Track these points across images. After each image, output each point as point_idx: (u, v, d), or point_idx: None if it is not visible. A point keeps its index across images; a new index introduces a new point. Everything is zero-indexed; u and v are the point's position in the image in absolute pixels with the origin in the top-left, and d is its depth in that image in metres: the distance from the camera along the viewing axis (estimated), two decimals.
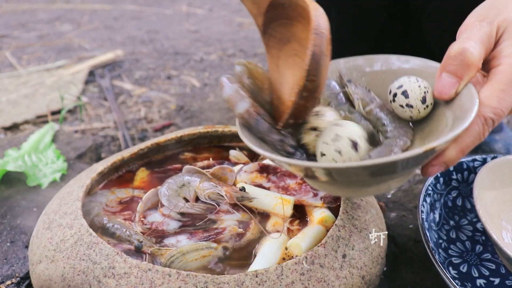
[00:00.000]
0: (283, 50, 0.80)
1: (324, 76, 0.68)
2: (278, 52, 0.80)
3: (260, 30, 0.81)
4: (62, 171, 1.21)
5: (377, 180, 0.66)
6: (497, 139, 1.67)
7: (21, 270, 0.93)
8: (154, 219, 0.82)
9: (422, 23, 1.67)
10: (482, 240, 0.96)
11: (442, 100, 0.70)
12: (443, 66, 0.69)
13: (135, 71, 2.35)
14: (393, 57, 0.87)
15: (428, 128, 0.72)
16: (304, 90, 0.68)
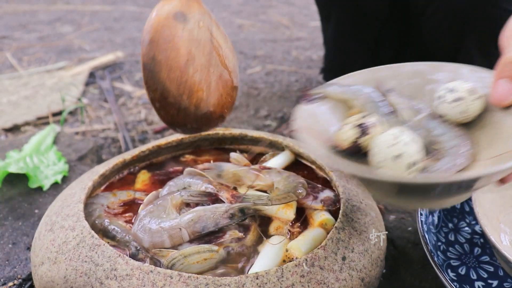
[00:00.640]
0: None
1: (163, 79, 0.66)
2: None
3: None
4: (64, 173, 1.22)
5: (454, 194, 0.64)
6: None
7: (23, 272, 0.94)
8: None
9: (422, 24, 1.68)
10: (481, 243, 0.96)
11: (501, 106, 0.67)
12: (499, 73, 0.67)
13: (136, 73, 2.36)
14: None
15: (486, 136, 0.68)
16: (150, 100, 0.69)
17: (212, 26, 0.71)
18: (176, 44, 0.66)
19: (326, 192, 0.87)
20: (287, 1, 4.01)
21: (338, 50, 1.85)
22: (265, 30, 3.16)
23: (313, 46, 2.83)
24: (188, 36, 0.68)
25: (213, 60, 0.70)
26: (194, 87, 0.68)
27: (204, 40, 0.69)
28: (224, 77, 0.72)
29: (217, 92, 0.71)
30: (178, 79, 0.67)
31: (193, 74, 0.67)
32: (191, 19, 0.68)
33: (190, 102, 0.69)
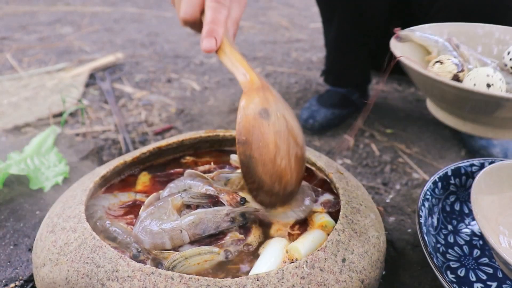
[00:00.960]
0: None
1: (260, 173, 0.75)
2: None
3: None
4: (64, 174, 1.22)
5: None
6: (495, 143, 1.68)
7: (24, 273, 0.94)
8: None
9: (427, 21, 1.68)
10: (480, 245, 0.96)
11: None
12: None
13: (136, 74, 2.36)
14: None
15: None
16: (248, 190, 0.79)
17: (284, 110, 0.77)
18: (266, 141, 0.73)
19: (326, 195, 0.88)
20: (287, 3, 4.01)
21: (340, 53, 1.85)
22: (265, 32, 3.17)
23: (313, 48, 2.84)
24: (273, 129, 0.74)
25: (291, 143, 0.76)
26: (282, 173, 0.75)
27: (283, 128, 0.75)
28: (299, 155, 0.78)
29: (296, 170, 0.77)
30: (270, 170, 0.74)
31: (280, 163, 0.74)
32: (272, 113, 0.75)
33: (280, 187, 0.76)
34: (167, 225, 0.77)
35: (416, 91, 2.22)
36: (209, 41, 0.79)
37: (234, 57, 0.80)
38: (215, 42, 0.79)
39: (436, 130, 1.84)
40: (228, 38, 0.82)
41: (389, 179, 1.50)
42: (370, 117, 1.92)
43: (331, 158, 1.61)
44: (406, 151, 1.68)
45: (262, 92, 0.76)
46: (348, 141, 1.71)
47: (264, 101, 0.75)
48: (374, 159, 1.62)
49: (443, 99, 0.86)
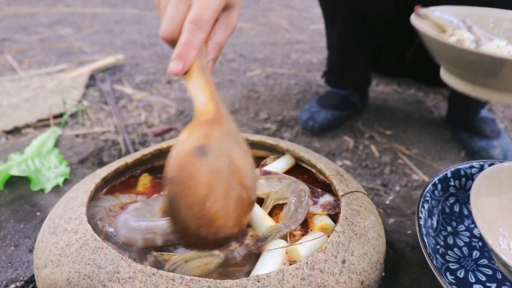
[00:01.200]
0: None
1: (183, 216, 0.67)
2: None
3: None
4: (65, 175, 1.22)
5: None
6: (495, 145, 1.68)
7: (25, 274, 0.94)
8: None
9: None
10: (479, 246, 0.97)
11: None
12: None
13: (136, 76, 2.37)
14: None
15: None
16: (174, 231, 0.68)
17: (232, 148, 0.72)
18: (196, 181, 0.67)
19: (326, 196, 0.88)
20: (287, 5, 4.02)
21: (342, 55, 1.86)
22: (265, 33, 3.17)
23: (313, 49, 2.84)
24: (207, 170, 0.68)
25: (231, 184, 0.70)
26: (213, 217, 0.68)
27: (223, 168, 0.70)
28: (242, 197, 0.72)
29: (235, 214, 0.71)
30: (197, 214, 0.67)
31: (211, 206, 0.68)
32: (210, 150, 0.69)
33: (209, 231, 0.69)
34: (144, 223, 0.77)
35: (416, 92, 2.23)
36: (176, 64, 0.75)
37: (199, 84, 0.75)
38: (181, 66, 0.75)
39: (435, 132, 1.85)
40: (201, 62, 0.79)
41: (388, 181, 1.50)
42: (370, 118, 1.92)
43: (331, 159, 1.61)
44: (406, 152, 1.69)
45: (208, 126, 0.71)
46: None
47: (205, 137, 0.69)
48: (373, 160, 1.63)
49: (458, 65, 0.91)
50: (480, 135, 1.72)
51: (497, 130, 1.74)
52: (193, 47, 0.76)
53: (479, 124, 1.76)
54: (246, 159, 0.74)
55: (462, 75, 0.95)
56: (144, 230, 0.76)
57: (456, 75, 0.96)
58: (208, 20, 0.78)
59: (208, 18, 0.78)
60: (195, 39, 0.77)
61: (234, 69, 2.50)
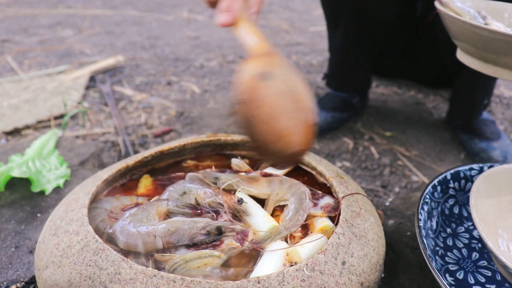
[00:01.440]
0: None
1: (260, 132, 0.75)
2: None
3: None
4: (66, 177, 1.23)
5: None
6: (495, 146, 1.68)
7: (25, 275, 0.95)
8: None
9: (436, 23, 1.69)
10: (479, 248, 0.97)
11: None
12: None
13: (136, 77, 2.37)
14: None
15: None
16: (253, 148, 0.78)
17: (289, 76, 0.77)
18: (265, 101, 0.74)
19: (326, 198, 0.88)
20: (287, 6, 4.02)
21: (343, 58, 1.86)
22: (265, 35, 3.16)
23: (313, 51, 2.84)
24: (273, 91, 0.74)
25: (294, 105, 0.76)
26: (283, 133, 0.75)
27: (286, 92, 0.75)
28: (304, 119, 0.77)
29: (302, 132, 0.77)
30: (269, 130, 0.74)
31: (278, 123, 0.74)
32: (276, 75, 0.75)
33: (281, 146, 0.75)
34: (143, 228, 0.78)
35: (416, 94, 2.23)
36: (225, 16, 0.81)
37: (249, 30, 0.81)
38: (231, 17, 0.81)
39: (435, 133, 1.85)
40: (245, 14, 0.84)
41: (388, 182, 1.51)
42: (370, 120, 1.93)
43: (331, 161, 1.62)
44: (406, 154, 1.69)
45: (267, 57, 0.78)
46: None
47: (267, 64, 0.76)
48: (373, 162, 1.63)
49: (476, 44, 0.95)
50: (480, 136, 1.72)
51: (497, 131, 1.75)
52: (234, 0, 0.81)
53: (479, 126, 1.76)
54: (302, 86, 0.79)
55: (478, 54, 0.99)
56: (144, 234, 0.77)
57: (472, 54, 1.02)
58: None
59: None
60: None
61: (234, 71, 2.50)
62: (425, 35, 1.90)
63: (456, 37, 1.03)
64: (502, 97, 2.28)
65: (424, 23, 1.83)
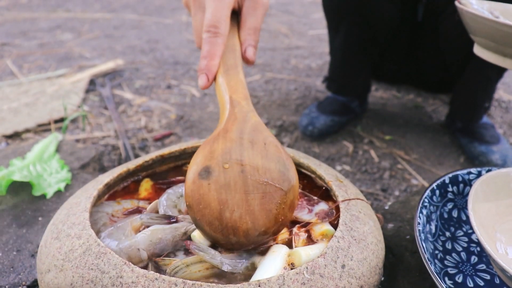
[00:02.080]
0: None
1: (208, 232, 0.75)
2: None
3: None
4: (67, 181, 1.23)
5: None
6: (494, 150, 1.69)
7: (27, 279, 0.95)
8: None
9: (440, 24, 1.69)
10: (477, 251, 0.98)
11: None
12: None
13: (136, 80, 2.37)
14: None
15: None
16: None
17: (243, 152, 0.76)
18: (206, 201, 0.72)
19: (321, 205, 0.89)
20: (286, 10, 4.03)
21: (344, 62, 1.86)
22: (264, 39, 3.18)
23: (312, 55, 2.85)
24: (215, 187, 0.73)
25: (249, 187, 0.74)
26: (237, 224, 0.73)
27: (234, 177, 0.74)
28: (269, 192, 0.75)
29: (264, 212, 0.75)
30: (219, 227, 0.73)
31: (230, 216, 0.73)
32: (215, 167, 0.74)
33: (239, 236, 0.74)
34: (124, 244, 0.78)
35: (415, 97, 2.23)
36: (201, 79, 0.81)
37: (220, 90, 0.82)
38: (205, 79, 0.80)
39: (435, 137, 1.86)
40: (227, 63, 0.83)
41: (388, 186, 1.51)
42: (369, 123, 1.93)
43: (331, 164, 1.62)
44: (405, 157, 1.70)
45: (212, 142, 0.76)
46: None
47: (208, 156, 0.75)
48: (373, 165, 1.63)
49: (495, 38, 0.98)
50: (480, 140, 1.73)
51: (496, 135, 1.75)
52: (213, 56, 0.81)
53: (479, 129, 1.77)
54: (266, 154, 0.77)
55: (496, 48, 1.02)
56: (127, 248, 0.77)
57: (490, 49, 1.04)
58: (221, 22, 0.81)
59: (221, 20, 0.81)
60: (212, 48, 0.80)
61: None
62: (426, 40, 1.91)
63: (475, 33, 1.06)
64: (501, 101, 2.28)
65: (425, 27, 1.84)
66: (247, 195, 0.74)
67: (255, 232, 0.74)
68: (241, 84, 0.83)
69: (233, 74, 0.82)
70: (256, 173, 0.75)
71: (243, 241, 0.75)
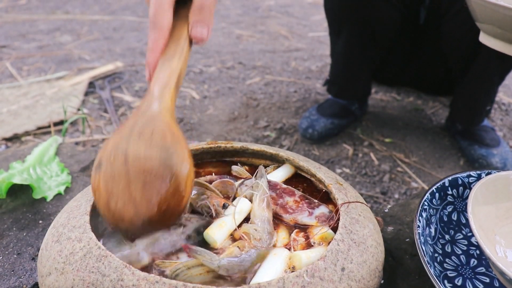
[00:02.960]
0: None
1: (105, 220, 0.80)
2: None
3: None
4: (67, 184, 1.23)
5: None
6: (494, 153, 1.69)
7: (28, 282, 0.95)
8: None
9: (442, 26, 1.70)
10: (477, 254, 0.98)
11: None
12: None
13: (135, 83, 2.38)
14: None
15: None
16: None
17: (129, 144, 0.78)
18: (99, 191, 0.77)
19: (321, 208, 0.89)
20: (286, 12, 4.03)
21: (346, 65, 1.87)
22: (264, 41, 3.18)
23: (312, 57, 2.86)
24: (103, 178, 0.77)
25: (131, 177, 0.76)
26: (121, 213, 0.76)
27: (118, 168, 0.77)
28: (149, 181, 0.77)
29: (144, 200, 0.76)
30: (110, 214, 0.76)
31: (115, 205, 0.76)
32: (104, 161, 0.78)
33: (126, 224, 0.76)
34: (125, 251, 0.78)
35: (415, 100, 2.24)
36: (146, 73, 0.84)
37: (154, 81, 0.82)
38: (147, 73, 0.83)
39: (434, 139, 1.86)
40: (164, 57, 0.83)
41: (388, 188, 1.51)
42: (369, 126, 1.93)
43: (330, 167, 1.62)
44: (405, 160, 1.70)
45: (110, 139, 0.80)
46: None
47: (102, 151, 0.79)
48: (373, 168, 1.64)
49: (499, 24, 0.98)
50: (480, 143, 1.73)
51: (496, 138, 1.76)
52: (153, 49, 0.82)
53: (479, 132, 1.77)
54: (151, 143, 0.78)
55: (503, 35, 1.01)
56: (127, 255, 0.77)
57: (497, 36, 1.04)
58: (160, 14, 0.81)
59: (160, 13, 0.81)
60: (152, 42, 0.82)
61: (234, 77, 2.51)
62: (428, 43, 1.91)
63: (481, 20, 1.05)
64: (500, 103, 2.29)
65: (427, 30, 1.85)
66: (129, 185, 0.76)
67: (139, 221, 0.76)
68: (169, 72, 0.83)
69: (167, 65, 0.83)
70: (138, 162, 0.77)
71: (132, 228, 0.77)
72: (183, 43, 0.85)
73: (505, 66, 1.63)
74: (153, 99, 0.81)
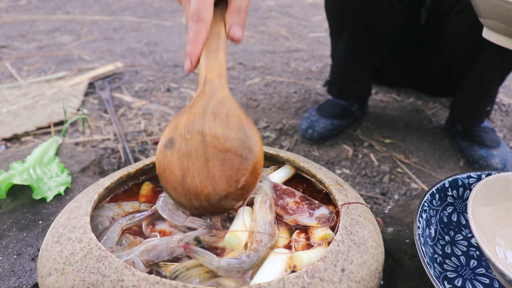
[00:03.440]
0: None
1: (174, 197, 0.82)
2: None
3: None
4: (67, 184, 1.23)
5: None
6: (494, 154, 1.69)
7: (28, 282, 0.95)
8: (162, 228, 0.85)
9: (443, 27, 1.70)
10: (477, 255, 0.98)
11: None
12: None
13: (135, 83, 2.38)
14: None
15: None
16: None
17: (204, 124, 0.82)
18: (170, 169, 0.80)
19: (322, 209, 0.89)
20: (286, 13, 4.03)
21: (346, 67, 1.87)
22: (264, 42, 3.18)
23: (312, 58, 2.86)
24: (178, 155, 0.80)
25: (209, 155, 0.80)
26: (198, 189, 0.79)
27: (195, 146, 0.80)
28: (229, 159, 0.81)
29: (224, 177, 0.80)
30: (183, 191, 0.80)
31: (191, 182, 0.79)
32: (178, 138, 0.81)
33: (201, 200, 0.80)
34: (122, 257, 0.78)
35: (415, 101, 2.24)
36: (186, 63, 0.87)
37: (200, 72, 0.87)
38: (189, 63, 0.86)
39: (434, 140, 1.86)
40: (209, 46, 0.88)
41: (387, 189, 1.51)
42: (369, 127, 1.93)
43: (330, 168, 1.63)
44: (405, 161, 1.70)
45: (178, 118, 0.83)
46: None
47: (173, 129, 0.82)
48: (373, 169, 1.64)
49: (503, 19, 0.97)
50: (480, 144, 1.73)
51: (497, 139, 1.76)
52: (196, 42, 0.86)
53: (479, 133, 1.77)
54: (228, 124, 0.83)
55: (506, 30, 1.01)
56: (144, 250, 0.78)
57: (500, 31, 1.03)
58: (204, 9, 0.85)
59: (204, 8, 0.85)
60: (195, 34, 0.86)
61: (234, 77, 2.51)
62: (429, 44, 1.91)
63: (485, 15, 1.05)
64: (501, 104, 2.29)
65: (428, 31, 1.85)
66: (207, 162, 0.79)
67: (216, 197, 0.80)
68: (219, 65, 0.88)
69: (213, 57, 0.88)
70: (217, 141, 0.80)
71: (206, 205, 0.80)
72: (223, 39, 0.90)
73: (505, 67, 1.64)
74: (216, 87, 0.86)
